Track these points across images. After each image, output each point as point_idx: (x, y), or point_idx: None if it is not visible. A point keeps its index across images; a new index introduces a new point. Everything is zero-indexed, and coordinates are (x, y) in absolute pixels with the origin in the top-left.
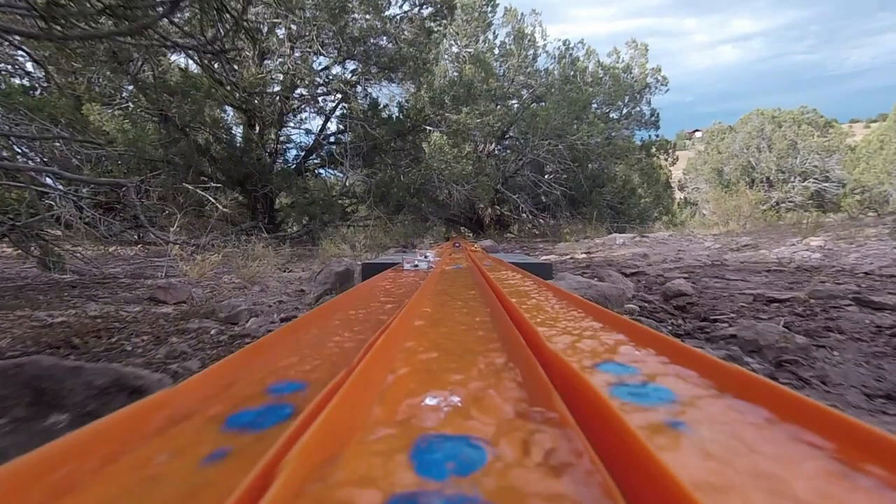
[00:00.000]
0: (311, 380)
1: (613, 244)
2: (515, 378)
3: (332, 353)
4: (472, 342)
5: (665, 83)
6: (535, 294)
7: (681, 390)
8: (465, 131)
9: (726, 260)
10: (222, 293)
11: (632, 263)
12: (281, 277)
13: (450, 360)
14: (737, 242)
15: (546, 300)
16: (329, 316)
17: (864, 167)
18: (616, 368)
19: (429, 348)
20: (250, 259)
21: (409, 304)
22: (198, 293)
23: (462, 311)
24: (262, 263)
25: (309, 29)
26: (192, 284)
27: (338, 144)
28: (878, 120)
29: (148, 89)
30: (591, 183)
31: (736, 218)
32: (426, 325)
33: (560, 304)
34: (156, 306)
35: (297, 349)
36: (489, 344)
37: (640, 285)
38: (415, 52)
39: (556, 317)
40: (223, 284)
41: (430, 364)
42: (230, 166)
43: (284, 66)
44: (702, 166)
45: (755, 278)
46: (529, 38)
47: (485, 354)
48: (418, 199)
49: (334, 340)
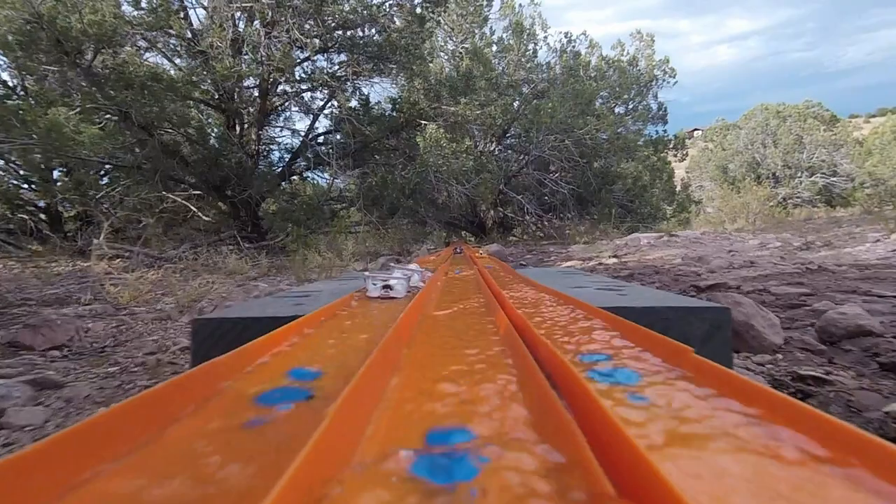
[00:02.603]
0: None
1: (639, 245)
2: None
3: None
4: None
5: (673, 75)
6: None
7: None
8: (464, 124)
9: (824, 263)
10: (135, 328)
11: (689, 270)
12: (237, 297)
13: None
14: (800, 240)
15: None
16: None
17: (878, 159)
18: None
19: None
20: (210, 273)
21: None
22: (97, 329)
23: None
24: (221, 279)
25: (284, 13)
26: (110, 314)
27: (326, 145)
28: (878, 115)
29: (102, 83)
30: (601, 180)
31: (745, 215)
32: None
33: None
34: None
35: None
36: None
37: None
38: (406, 40)
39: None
40: (146, 314)
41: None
42: (204, 169)
43: (258, 55)
44: (706, 164)
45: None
46: (529, 31)
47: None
48: (414, 202)
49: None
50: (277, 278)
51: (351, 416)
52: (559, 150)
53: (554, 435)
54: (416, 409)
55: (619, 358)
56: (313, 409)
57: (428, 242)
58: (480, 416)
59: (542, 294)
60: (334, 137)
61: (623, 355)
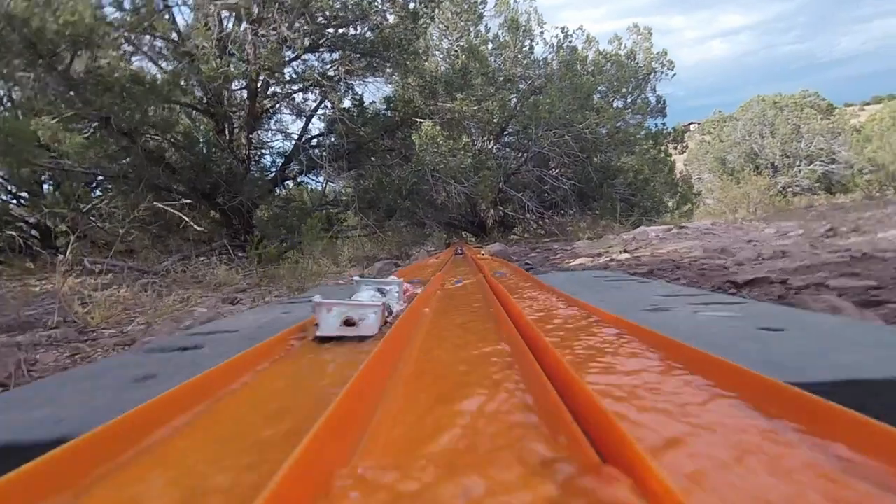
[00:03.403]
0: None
1: (647, 238)
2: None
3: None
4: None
5: (671, 67)
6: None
7: None
8: (461, 121)
9: (865, 249)
10: (92, 356)
11: (714, 264)
12: (220, 312)
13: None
14: (823, 226)
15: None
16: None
17: (878, 145)
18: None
19: None
20: (199, 285)
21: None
22: (47, 360)
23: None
24: (207, 293)
25: (271, 8)
26: (72, 340)
27: (320, 147)
28: (872, 103)
29: (80, 87)
30: (602, 175)
31: (746, 205)
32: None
33: None
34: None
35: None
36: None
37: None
38: (400, 36)
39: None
40: (109, 339)
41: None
42: (192, 176)
43: (244, 54)
44: (704, 156)
45: None
46: (524, 27)
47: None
48: (412, 203)
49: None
50: (268, 289)
51: None
52: (559, 146)
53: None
54: None
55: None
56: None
57: (428, 244)
58: None
59: (596, 322)
60: (328, 139)
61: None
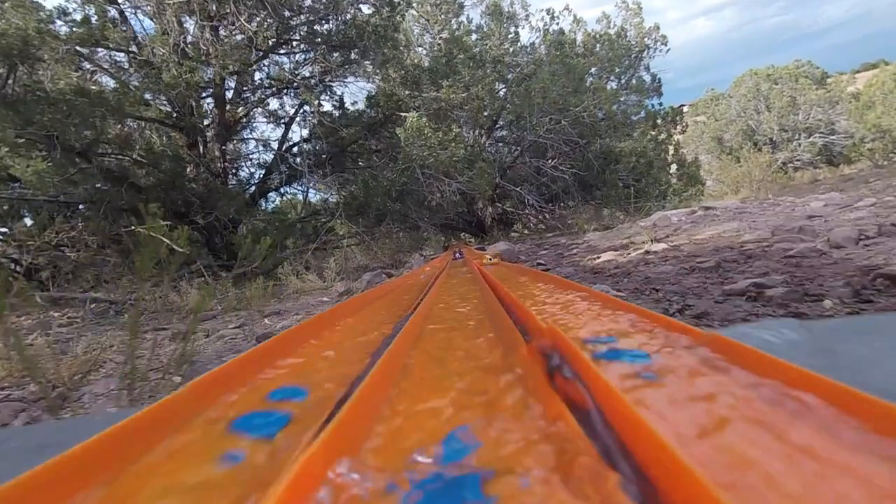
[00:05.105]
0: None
1: (672, 223)
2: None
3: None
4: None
5: (665, 42)
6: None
7: None
8: (449, 111)
9: None
10: None
11: (800, 250)
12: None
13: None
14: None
15: None
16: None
17: (882, 110)
18: None
19: None
20: (171, 313)
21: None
22: None
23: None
24: (161, 322)
25: (227, 3)
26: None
27: (301, 155)
28: (862, 70)
29: (17, 104)
30: (603, 161)
31: (748, 184)
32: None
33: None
34: None
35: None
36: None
37: None
38: (375, 22)
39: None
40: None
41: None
42: (161, 195)
43: (199, 53)
44: (699, 137)
45: None
46: (508, 12)
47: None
48: (403, 205)
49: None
50: (243, 313)
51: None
52: (555, 133)
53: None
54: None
55: None
56: None
57: (425, 248)
58: None
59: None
60: (308, 145)
61: None
